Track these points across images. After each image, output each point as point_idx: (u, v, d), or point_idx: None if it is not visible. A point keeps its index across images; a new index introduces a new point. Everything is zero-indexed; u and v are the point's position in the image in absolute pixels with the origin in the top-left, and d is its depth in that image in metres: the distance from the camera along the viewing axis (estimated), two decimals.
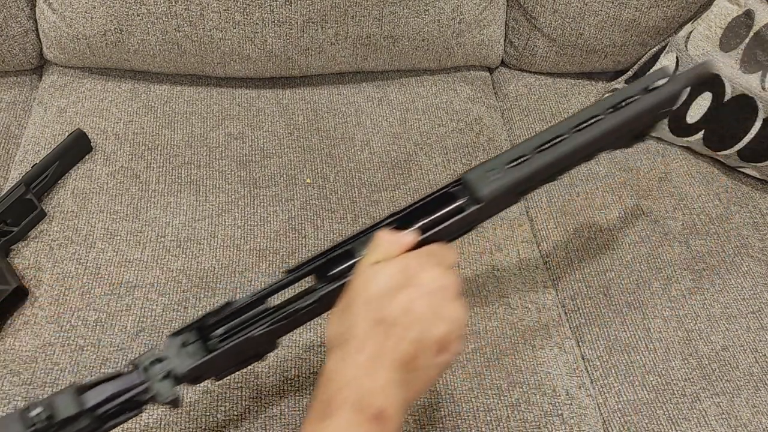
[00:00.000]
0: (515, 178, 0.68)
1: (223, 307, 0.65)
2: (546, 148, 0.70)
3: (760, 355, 0.88)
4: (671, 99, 0.75)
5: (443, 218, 0.67)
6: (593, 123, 0.72)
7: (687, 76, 0.76)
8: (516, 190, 0.70)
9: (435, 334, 0.56)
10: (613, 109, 0.73)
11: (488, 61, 1.21)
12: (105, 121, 1.04)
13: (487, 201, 0.67)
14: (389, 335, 0.55)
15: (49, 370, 0.78)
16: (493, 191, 0.67)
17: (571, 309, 0.93)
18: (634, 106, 0.73)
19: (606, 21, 1.12)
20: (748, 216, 1.03)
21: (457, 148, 1.07)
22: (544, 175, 0.71)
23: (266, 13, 1.03)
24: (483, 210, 0.68)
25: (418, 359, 0.56)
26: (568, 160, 0.72)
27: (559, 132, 0.71)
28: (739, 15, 1.01)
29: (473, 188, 0.67)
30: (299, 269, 0.66)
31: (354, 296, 0.58)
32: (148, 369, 0.63)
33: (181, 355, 0.63)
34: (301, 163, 1.02)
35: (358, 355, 0.55)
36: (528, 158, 0.69)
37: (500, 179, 0.68)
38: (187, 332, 0.65)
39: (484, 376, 0.82)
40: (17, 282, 0.83)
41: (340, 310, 0.59)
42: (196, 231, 0.92)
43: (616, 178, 1.06)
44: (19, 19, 1.07)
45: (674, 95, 0.76)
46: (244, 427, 0.76)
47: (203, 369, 0.64)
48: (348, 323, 0.57)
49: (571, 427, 0.80)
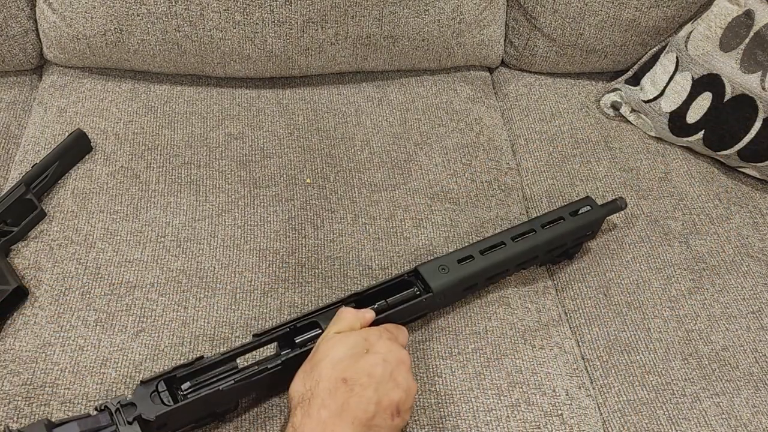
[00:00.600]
0: (462, 275, 0.81)
1: (194, 361, 0.71)
2: (489, 252, 0.84)
3: (760, 355, 0.88)
4: (593, 224, 0.92)
5: (398, 302, 0.79)
6: (528, 235, 0.86)
7: (607, 208, 0.92)
8: (462, 286, 0.82)
9: (392, 397, 0.65)
10: (547, 226, 0.88)
11: (488, 61, 1.21)
12: (105, 121, 1.04)
13: (436, 292, 0.79)
14: (353, 393, 0.63)
15: (49, 370, 0.78)
16: (443, 284, 0.80)
17: (571, 309, 0.93)
18: (562, 226, 0.88)
19: (606, 21, 1.12)
20: (748, 216, 1.03)
21: (457, 148, 1.07)
22: (486, 275, 0.84)
23: (266, 13, 1.03)
24: (432, 299, 0.80)
25: (375, 418, 0.64)
26: (507, 265, 0.85)
27: (501, 240, 0.85)
28: (739, 15, 1.01)
29: (426, 280, 0.80)
30: (268, 334, 0.74)
31: (320, 358, 0.66)
32: (116, 413, 0.66)
33: (149, 402, 0.68)
34: (301, 163, 1.02)
35: (322, 411, 0.63)
36: (474, 260, 0.83)
37: (449, 275, 0.81)
38: (156, 381, 0.69)
39: (484, 376, 0.82)
40: (17, 282, 0.83)
41: (304, 371, 0.67)
42: (196, 231, 0.93)
43: (616, 178, 1.06)
44: (19, 19, 1.07)
45: (596, 221, 0.92)
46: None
47: (169, 417, 0.68)
48: (312, 382, 0.65)
49: (571, 427, 0.80)
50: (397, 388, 0.66)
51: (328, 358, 0.66)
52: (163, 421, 0.68)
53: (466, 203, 1.00)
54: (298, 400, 0.65)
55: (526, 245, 0.86)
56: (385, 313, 0.77)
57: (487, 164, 1.06)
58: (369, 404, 0.64)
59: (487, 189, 1.03)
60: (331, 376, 0.64)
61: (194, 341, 0.82)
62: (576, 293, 0.94)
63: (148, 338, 0.82)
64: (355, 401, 0.63)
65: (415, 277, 0.81)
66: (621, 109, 1.15)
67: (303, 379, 0.66)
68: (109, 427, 0.65)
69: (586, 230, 0.92)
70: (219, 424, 0.76)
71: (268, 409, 0.77)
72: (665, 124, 1.09)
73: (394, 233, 0.95)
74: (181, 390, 0.70)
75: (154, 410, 0.67)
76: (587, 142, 1.11)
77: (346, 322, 0.70)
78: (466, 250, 0.83)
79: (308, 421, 0.63)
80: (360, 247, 0.93)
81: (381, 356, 0.67)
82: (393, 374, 0.66)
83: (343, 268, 0.91)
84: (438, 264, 0.81)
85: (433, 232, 0.95)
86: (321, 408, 0.63)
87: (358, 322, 0.71)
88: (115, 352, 0.80)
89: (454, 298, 0.85)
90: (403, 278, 0.81)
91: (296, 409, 0.65)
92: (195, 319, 0.84)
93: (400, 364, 0.67)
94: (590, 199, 0.93)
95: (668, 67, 1.08)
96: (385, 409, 0.65)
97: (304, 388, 0.65)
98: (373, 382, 0.64)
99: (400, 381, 0.66)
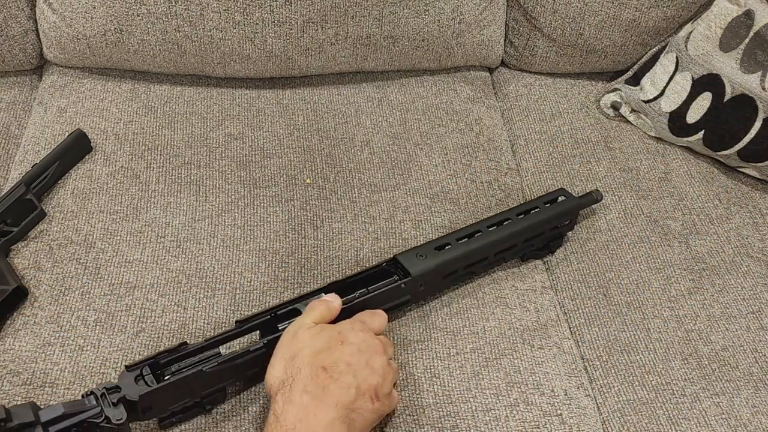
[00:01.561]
0: (439, 260, 0.84)
1: (178, 347, 0.73)
2: (465, 240, 0.86)
3: (760, 355, 0.88)
4: (568, 213, 0.94)
5: (378, 287, 0.81)
6: (504, 224, 0.89)
7: (580, 200, 0.95)
8: (441, 272, 0.84)
9: (370, 382, 0.69)
10: (523, 215, 0.90)
11: (488, 61, 1.21)
12: (105, 121, 1.04)
13: (414, 276, 0.82)
14: (332, 379, 0.67)
15: (49, 370, 0.78)
16: (421, 269, 0.83)
17: (571, 309, 0.93)
18: (537, 215, 0.91)
19: (606, 21, 1.12)
20: (748, 216, 1.03)
21: (457, 149, 1.07)
22: (464, 262, 0.86)
23: (266, 13, 1.03)
24: (412, 284, 0.82)
25: (357, 401, 0.67)
26: (485, 252, 0.87)
27: (477, 228, 0.88)
28: (739, 15, 1.01)
29: (404, 266, 0.83)
30: (250, 320, 0.77)
31: (301, 347, 0.69)
32: (101, 396, 0.67)
33: (133, 385, 0.69)
34: (301, 164, 1.02)
35: (303, 396, 0.66)
36: (451, 247, 0.85)
37: (426, 261, 0.83)
38: (141, 366, 0.71)
39: (482, 376, 0.82)
40: (17, 282, 0.83)
41: (284, 358, 0.69)
42: (196, 231, 0.93)
43: (616, 178, 1.06)
44: (19, 19, 1.07)
45: (571, 210, 0.94)
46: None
47: (153, 398, 0.69)
48: (294, 369, 0.68)
49: (570, 427, 0.80)
50: (373, 373, 0.70)
51: (308, 347, 0.69)
52: (148, 403, 0.69)
53: (465, 204, 1.00)
54: (278, 386, 0.67)
55: (503, 233, 0.88)
56: (366, 296, 0.80)
57: (487, 165, 1.06)
58: (350, 389, 0.67)
59: (487, 189, 1.03)
60: (312, 363, 0.68)
61: (194, 341, 0.82)
62: (576, 293, 0.94)
63: (148, 338, 0.82)
64: (336, 386, 0.67)
65: (395, 266, 0.84)
66: (621, 109, 1.15)
67: (284, 366, 0.69)
68: (94, 409, 0.66)
69: (562, 219, 0.94)
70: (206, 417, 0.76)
71: (255, 398, 0.78)
72: (665, 124, 1.09)
73: (393, 234, 0.95)
74: (165, 373, 0.72)
75: (137, 391, 0.68)
76: (587, 142, 1.11)
77: (317, 311, 0.74)
78: (443, 239, 0.86)
79: (290, 407, 0.65)
80: (359, 247, 0.93)
81: (356, 346, 0.70)
82: (369, 362, 0.70)
83: (342, 268, 0.91)
84: (416, 252, 0.84)
85: (432, 233, 0.95)
86: (303, 393, 0.66)
87: (328, 311, 0.74)
88: (115, 352, 0.81)
89: (435, 287, 0.87)
90: (384, 268, 0.84)
91: (277, 395, 0.67)
92: (194, 320, 0.84)
93: (374, 353, 0.71)
94: (564, 190, 0.95)
95: (668, 67, 1.08)
96: (364, 393, 0.68)
97: (285, 374, 0.68)
98: (351, 369, 0.68)
99: (376, 367, 0.70)
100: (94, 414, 0.66)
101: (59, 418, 0.65)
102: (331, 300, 0.76)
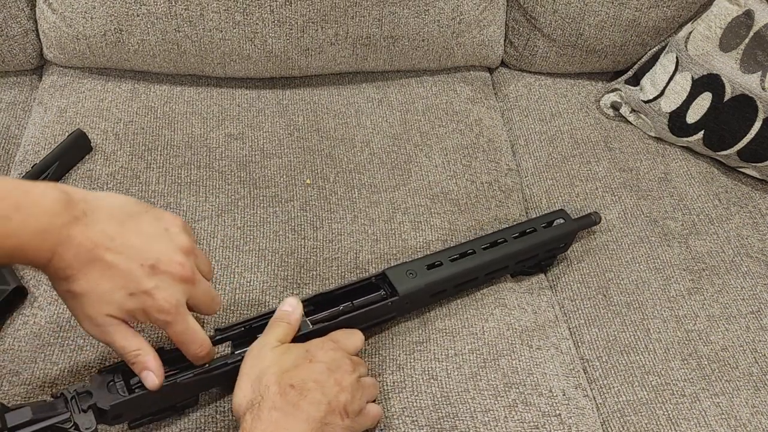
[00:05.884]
0: (429, 280, 0.81)
1: None
2: (458, 259, 0.83)
3: (760, 355, 0.88)
4: (564, 237, 0.91)
5: (364, 304, 0.79)
6: (499, 245, 0.86)
7: (579, 222, 0.92)
8: (429, 291, 0.82)
9: (340, 399, 0.68)
10: (518, 236, 0.87)
11: (488, 62, 1.21)
12: (105, 121, 1.04)
13: (402, 296, 0.79)
14: (302, 396, 0.66)
15: (49, 370, 0.78)
16: (409, 288, 0.80)
17: (570, 309, 0.93)
18: (533, 237, 0.88)
19: (606, 21, 1.12)
20: (748, 216, 1.03)
21: (457, 149, 1.07)
22: (454, 282, 0.84)
23: (266, 13, 1.03)
24: (399, 303, 0.80)
25: (327, 417, 0.67)
26: (476, 273, 0.85)
27: (471, 248, 0.84)
28: (739, 15, 1.01)
29: (393, 283, 0.80)
30: (228, 330, 0.75)
31: (268, 365, 0.68)
32: (72, 400, 0.65)
33: (105, 391, 0.67)
34: (300, 164, 1.02)
35: (273, 412, 0.65)
36: (442, 266, 0.82)
37: (416, 279, 0.80)
38: (113, 371, 0.69)
39: (481, 376, 0.82)
40: (17, 282, 0.83)
41: (250, 378, 0.68)
42: (196, 231, 0.93)
43: (615, 178, 1.06)
44: (19, 19, 1.07)
45: (568, 234, 0.91)
46: None
47: (124, 408, 0.68)
48: (262, 387, 0.66)
49: (569, 427, 0.80)
50: (342, 391, 0.69)
51: (275, 365, 0.68)
52: (119, 411, 0.67)
53: (465, 205, 1.00)
54: (246, 406, 0.66)
55: (497, 255, 0.86)
56: (350, 314, 0.77)
57: (487, 165, 1.06)
58: (320, 405, 0.66)
59: (487, 190, 1.03)
60: (279, 381, 0.67)
61: None
62: (575, 294, 0.94)
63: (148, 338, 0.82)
64: (306, 402, 0.66)
65: (383, 281, 0.81)
66: (621, 109, 1.15)
67: (250, 386, 0.68)
68: (62, 414, 0.64)
69: (558, 243, 0.92)
70: (177, 417, 0.75)
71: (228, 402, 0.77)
72: (665, 125, 1.09)
73: (393, 235, 0.95)
74: (137, 380, 0.69)
75: (109, 399, 0.66)
76: (587, 143, 1.11)
77: (280, 329, 0.72)
78: (435, 257, 0.83)
79: (259, 424, 0.64)
80: (358, 248, 0.93)
81: (324, 365, 0.70)
82: (337, 380, 0.69)
83: (341, 269, 0.91)
84: (406, 269, 0.82)
85: (431, 235, 0.95)
86: (272, 410, 0.65)
87: (290, 326, 0.73)
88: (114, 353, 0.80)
89: (421, 304, 0.85)
90: (371, 281, 0.81)
91: (245, 415, 0.66)
92: None
93: (343, 372, 0.70)
94: (563, 212, 0.92)
95: (668, 68, 1.08)
96: (334, 410, 0.67)
97: (252, 394, 0.67)
98: (319, 386, 0.68)
99: (345, 385, 0.69)
100: (63, 420, 0.64)
101: (26, 423, 0.62)
102: (291, 311, 0.74)
